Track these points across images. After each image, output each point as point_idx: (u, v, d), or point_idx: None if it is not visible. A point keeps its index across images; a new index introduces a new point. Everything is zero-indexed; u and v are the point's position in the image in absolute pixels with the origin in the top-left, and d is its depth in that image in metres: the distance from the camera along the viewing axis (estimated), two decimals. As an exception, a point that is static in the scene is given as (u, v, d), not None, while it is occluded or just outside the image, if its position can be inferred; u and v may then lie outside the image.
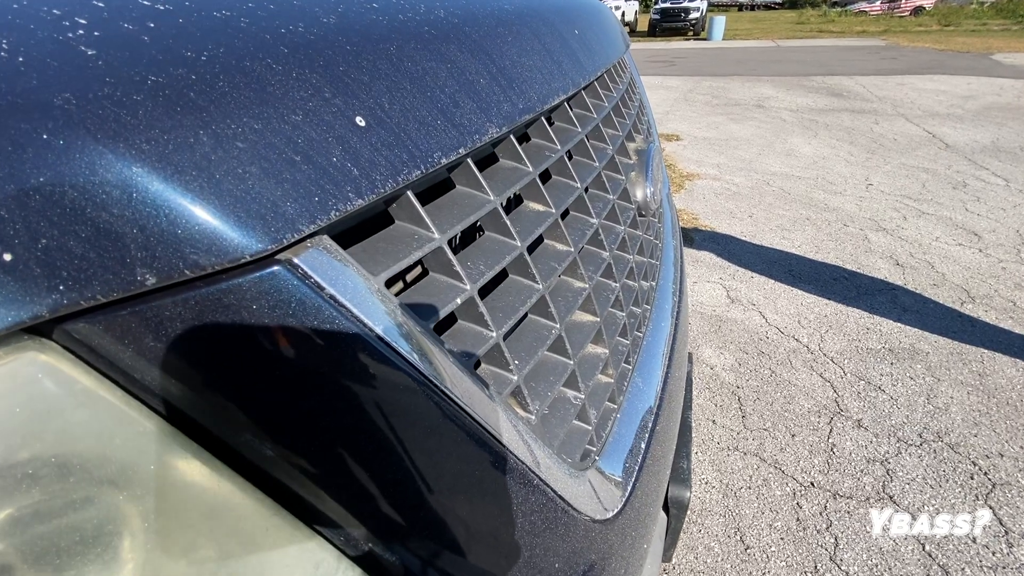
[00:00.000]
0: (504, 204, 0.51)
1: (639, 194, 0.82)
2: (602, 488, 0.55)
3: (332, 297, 0.31)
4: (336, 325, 0.30)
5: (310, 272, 0.30)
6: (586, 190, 0.68)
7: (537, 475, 0.44)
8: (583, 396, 0.55)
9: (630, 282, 0.74)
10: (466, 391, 0.39)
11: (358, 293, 0.32)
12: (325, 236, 0.32)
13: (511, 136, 0.52)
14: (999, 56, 12.69)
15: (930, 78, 10.06)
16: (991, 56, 12.73)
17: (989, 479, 2.01)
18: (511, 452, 0.42)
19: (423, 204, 0.43)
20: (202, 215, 0.26)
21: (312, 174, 0.31)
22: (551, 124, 0.67)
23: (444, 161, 0.40)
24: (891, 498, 1.95)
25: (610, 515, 0.55)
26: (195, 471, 0.28)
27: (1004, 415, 2.29)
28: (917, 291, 3.20)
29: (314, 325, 0.30)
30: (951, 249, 3.70)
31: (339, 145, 0.33)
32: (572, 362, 0.54)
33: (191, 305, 0.27)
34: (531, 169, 0.53)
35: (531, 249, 0.56)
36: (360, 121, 0.35)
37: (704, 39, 20.64)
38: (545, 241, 0.57)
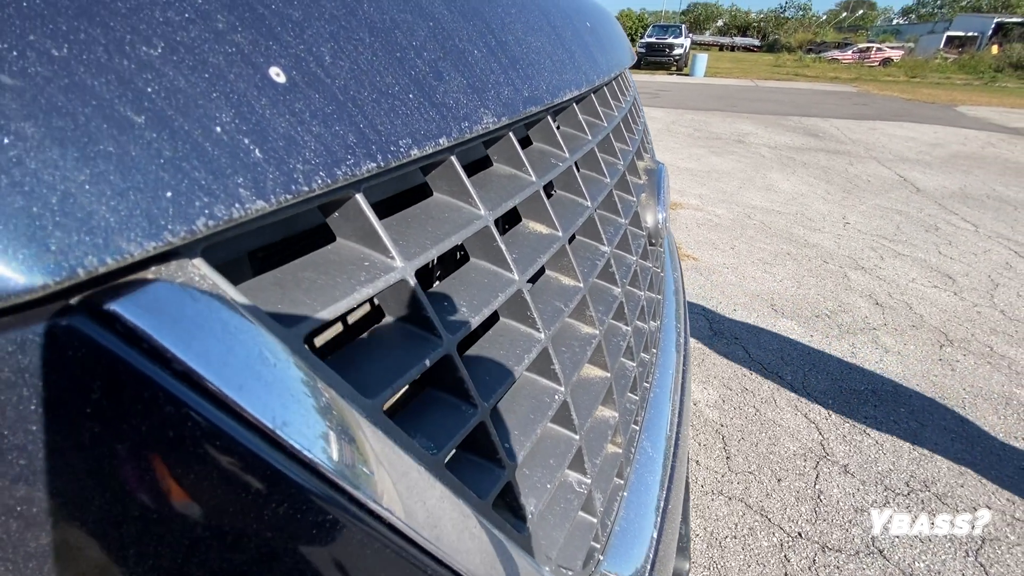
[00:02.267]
0: (499, 223, 0.37)
1: (650, 220, 0.70)
2: (609, 606, 0.41)
3: (188, 376, 0.16)
4: (197, 430, 0.16)
5: (146, 331, 0.16)
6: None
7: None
8: (589, 480, 0.42)
9: (640, 324, 0.61)
10: (435, 520, 0.25)
11: (253, 371, 0.18)
12: (195, 261, 0.18)
13: (510, 134, 0.39)
14: (963, 108, 13.42)
15: (899, 125, 10.50)
16: (955, 108, 13.44)
17: (979, 533, 1.93)
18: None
19: (384, 218, 0.29)
20: None
21: (168, 150, 0.17)
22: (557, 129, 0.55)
23: (415, 153, 0.27)
24: (881, 552, 1.86)
25: (619, 642, 0.41)
26: None
27: (989, 464, 2.24)
28: (897, 332, 3.18)
29: (145, 433, 0.16)
30: (927, 291, 3.73)
31: (230, 107, 0.19)
32: (579, 436, 0.40)
33: None
34: (535, 178, 0.40)
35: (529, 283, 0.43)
36: (277, 75, 0.21)
37: (687, 74, 21.27)
38: (547, 273, 0.44)
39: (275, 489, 0.18)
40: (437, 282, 0.68)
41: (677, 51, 23.13)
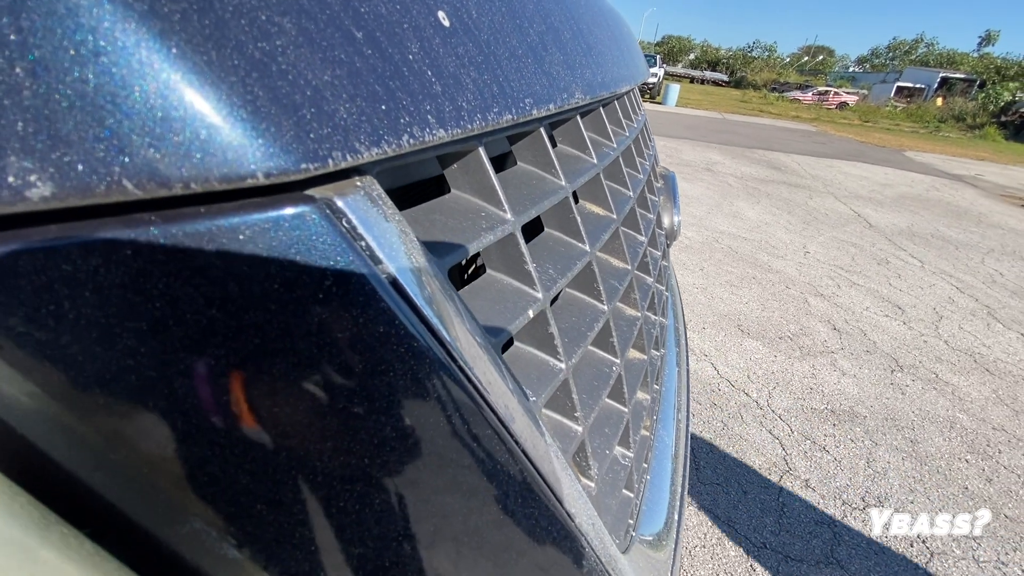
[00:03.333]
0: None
1: (666, 220, 0.73)
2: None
3: (394, 281, 0.17)
4: (394, 329, 0.17)
5: (361, 229, 0.17)
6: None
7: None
8: (632, 455, 0.43)
9: (663, 319, 0.64)
10: (534, 443, 0.26)
11: (426, 288, 0.19)
12: (375, 181, 0.19)
13: (577, 116, 0.41)
14: (910, 153, 14.42)
15: (854, 164, 11.17)
16: (904, 152, 14.43)
17: (927, 548, 2.04)
18: (586, 542, 0.28)
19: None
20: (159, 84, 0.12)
21: (379, 66, 0.18)
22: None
23: (535, 113, 0.28)
24: (839, 563, 1.93)
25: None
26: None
27: (936, 483, 2.38)
28: (853, 356, 3.35)
29: (360, 322, 0.16)
30: (879, 320, 3.96)
31: (416, 39, 0.20)
32: (627, 410, 0.42)
33: (122, 252, 0.13)
34: (596, 161, 0.42)
35: (580, 262, 0.44)
36: (443, 19, 0.22)
37: (660, 103, 22.04)
38: (598, 254, 0.46)
39: (443, 388, 0.19)
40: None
41: (652, 80, 23.92)
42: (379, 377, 0.17)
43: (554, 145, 0.44)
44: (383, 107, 0.17)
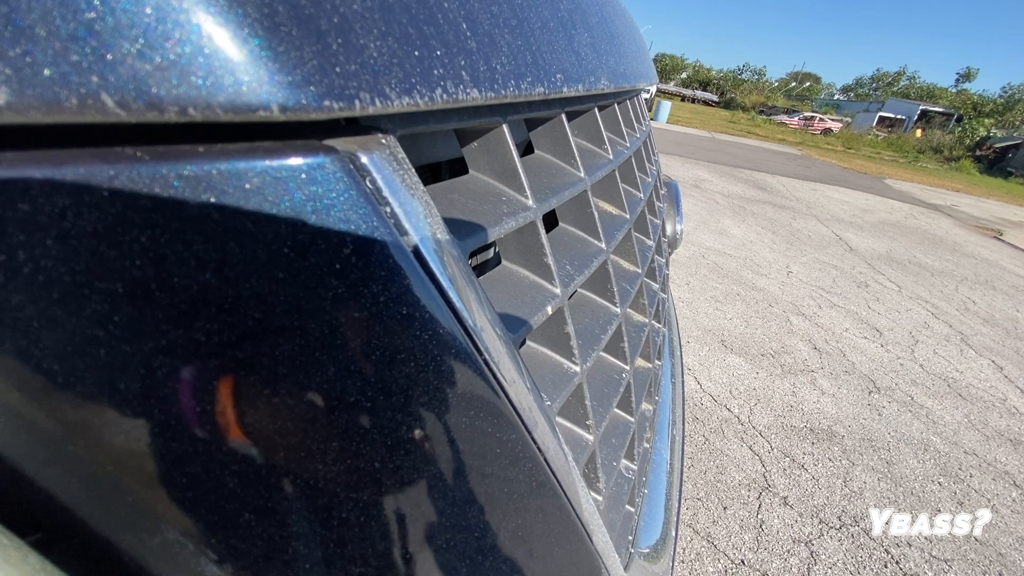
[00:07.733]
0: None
1: (669, 228, 0.72)
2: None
3: (419, 255, 0.15)
4: (418, 311, 0.15)
5: (386, 192, 0.14)
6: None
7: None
8: (635, 468, 0.41)
9: (664, 328, 0.62)
10: (554, 452, 0.23)
11: (447, 260, 0.17)
12: (398, 143, 0.17)
13: (595, 108, 0.39)
14: (890, 181, 14.85)
15: (836, 189, 11.44)
16: (884, 180, 14.85)
17: (900, 568, 2.06)
18: (601, 562, 0.26)
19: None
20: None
21: (414, 6, 0.15)
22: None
23: (565, 91, 0.26)
24: (815, 583, 1.93)
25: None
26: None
27: (910, 505, 2.40)
28: (832, 376, 3.40)
29: (377, 300, 0.14)
30: (858, 341, 4.02)
31: (452, -11, 0.18)
32: (634, 420, 0.39)
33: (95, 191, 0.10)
34: (611, 157, 0.40)
35: (589, 262, 0.42)
36: (479, -28, 0.20)
37: (651, 118, 22.35)
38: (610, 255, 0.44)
39: (465, 379, 0.17)
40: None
41: (644, 95, 24.23)
42: (397, 365, 0.15)
43: (569, 138, 0.42)
44: (416, 53, 0.15)
